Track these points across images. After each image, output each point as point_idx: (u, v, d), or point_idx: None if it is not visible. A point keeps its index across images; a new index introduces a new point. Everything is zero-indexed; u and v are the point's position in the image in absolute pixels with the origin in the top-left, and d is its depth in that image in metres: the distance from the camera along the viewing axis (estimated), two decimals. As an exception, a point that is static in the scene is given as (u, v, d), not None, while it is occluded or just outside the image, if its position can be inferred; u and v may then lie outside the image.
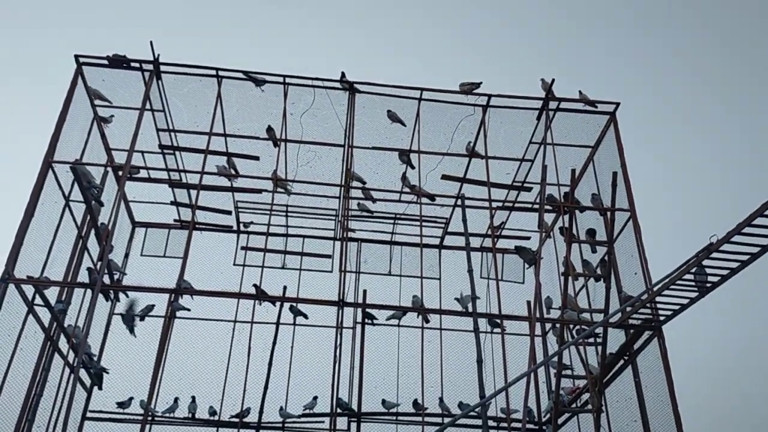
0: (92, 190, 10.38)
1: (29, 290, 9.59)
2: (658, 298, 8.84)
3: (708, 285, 8.19)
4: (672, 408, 8.65)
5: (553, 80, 11.14)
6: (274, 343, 12.52)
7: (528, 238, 13.89)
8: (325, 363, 11.61)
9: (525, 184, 12.79)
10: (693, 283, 8.28)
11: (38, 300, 9.74)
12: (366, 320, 12.56)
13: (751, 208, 6.97)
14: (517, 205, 13.22)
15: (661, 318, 9.12)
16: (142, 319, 11.97)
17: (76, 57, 10.45)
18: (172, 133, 11.80)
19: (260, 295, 9.99)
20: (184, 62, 10.73)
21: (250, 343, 11.17)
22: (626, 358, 9.86)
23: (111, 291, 12.19)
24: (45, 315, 10.19)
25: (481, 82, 11.14)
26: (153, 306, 11.82)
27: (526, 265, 13.95)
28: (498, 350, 11.89)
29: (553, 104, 11.43)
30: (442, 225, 14.09)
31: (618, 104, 11.38)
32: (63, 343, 10.81)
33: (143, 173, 12.13)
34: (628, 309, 8.99)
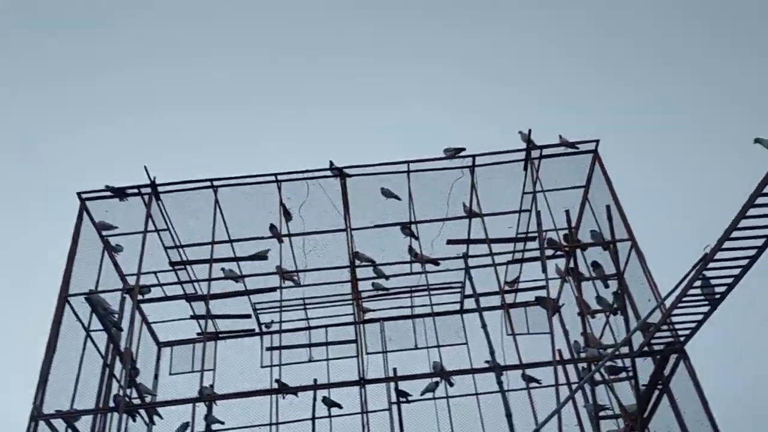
0: (110, 317, 10.73)
1: (61, 425, 9.80)
2: (675, 319, 8.79)
3: (717, 296, 8.16)
4: (710, 424, 8.43)
5: (530, 130, 11.52)
6: (313, 438, 12.46)
7: (545, 288, 13.88)
8: (370, 451, 11.50)
9: (528, 235, 12.93)
10: (702, 298, 8.26)
11: (72, 434, 9.92)
12: (400, 398, 12.51)
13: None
14: (526, 255, 13.31)
15: (681, 339, 9.02)
16: (179, 439, 12.06)
17: (79, 194, 11.09)
18: (182, 249, 12.26)
19: (281, 388, 10.07)
20: (180, 179, 11.31)
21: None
22: (660, 387, 9.67)
23: (145, 414, 12.37)
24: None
25: (464, 148, 11.54)
26: (188, 423, 11.92)
27: (550, 314, 13.92)
28: (537, 407, 11.77)
29: (536, 153, 11.74)
30: (459, 290, 14.18)
31: (597, 141, 11.67)
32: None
33: (159, 292, 12.53)
34: (644, 332, 8.92)
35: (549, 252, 11.80)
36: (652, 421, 9.97)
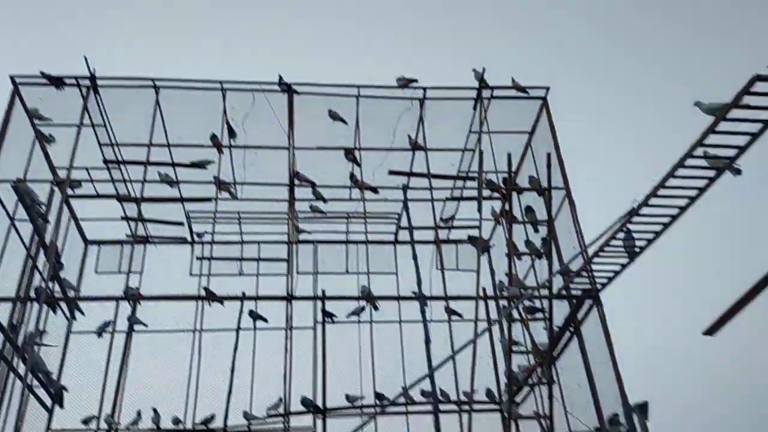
0: (36, 208, 10.42)
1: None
2: (594, 267, 9.21)
3: (636, 250, 8.57)
4: (614, 370, 8.99)
5: (484, 69, 11.53)
6: (236, 348, 12.63)
7: (478, 227, 14.24)
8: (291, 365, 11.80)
9: (469, 174, 13.12)
10: (623, 250, 8.66)
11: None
12: (326, 318, 12.79)
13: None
14: (464, 194, 13.54)
15: (599, 287, 9.49)
16: (99, 335, 12.07)
17: (12, 78, 10.53)
18: (117, 148, 11.91)
19: (208, 296, 10.12)
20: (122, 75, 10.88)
21: (199, 349, 11.27)
22: (572, 329, 10.20)
23: (67, 309, 12.26)
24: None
25: (416, 79, 11.47)
26: (109, 322, 11.89)
27: (479, 253, 14.34)
28: (456, 338, 12.27)
29: (487, 93, 11.80)
30: (395, 221, 14.36)
31: (548, 88, 11.81)
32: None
33: (90, 190, 12.21)
34: (563, 278, 9.34)
35: (486, 193, 12.05)
36: (561, 360, 10.56)
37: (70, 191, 11.15)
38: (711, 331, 6.66)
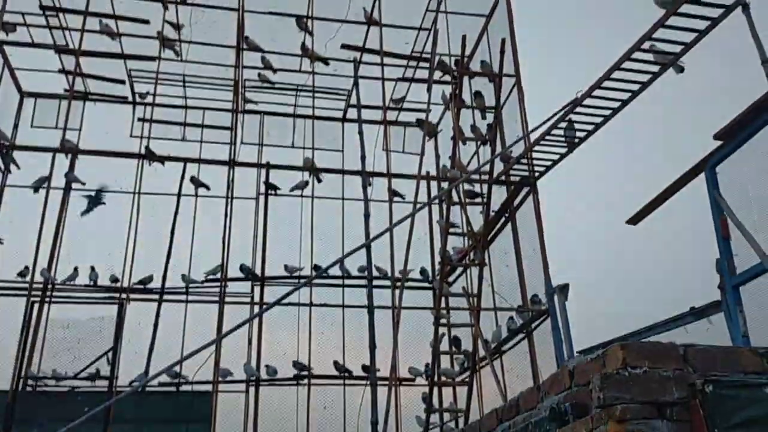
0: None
1: None
2: (535, 155, 9.42)
3: (576, 140, 8.77)
4: (542, 255, 9.43)
5: (447, -56, 11.10)
6: (176, 213, 12.59)
7: (426, 111, 14.23)
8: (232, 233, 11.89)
9: (423, 56, 12.93)
10: (563, 139, 8.85)
11: None
12: (269, 190, 12.84)
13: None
14: (416, 76, 13.41)
15: (536, 174, 9.75)
16: (36, 191, 11.86)
17: None
18: (54, -6, 11.19)
19: (149, 154, 9.97)
20: None
21: (137, 210, 11.24)
22: (507, 215, 10.55)
23: (3, 162, 11.92)
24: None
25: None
26: (46, 178, 11.65)
27: (427, 138, 14.41)
28: (397, 219, 12.51)
29: (448, -30, 11.44)
30: (344, 97, 14.19)
31: (510, -28, 11.50)
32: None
33: (26, 37, 11.55)
34: (504, 164, 9.54)
35: (438, 76, 11.94)
36: (494, 243, 10.99)
37: (3, 35, 10.51)
38: (633, 220, 7.01)
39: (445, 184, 12.39)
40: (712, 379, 3.01)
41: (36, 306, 10.81)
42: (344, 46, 12.37)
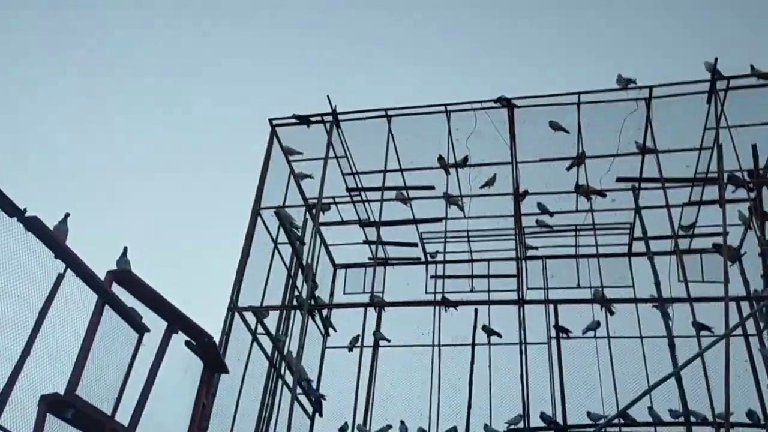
0: (294, 231, 11.94)
1: (252, 322, 11.22)
2: None
3: None
4: None
5: (716, 59, 10.83)
6: (472, 363, 12.99)
7: (723, 233, 13.13)
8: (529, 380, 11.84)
9: (708, 176, 12.24)
10: None
11: (260, 330, 11.34)
12: (560, 333, 12.66)
13: None
14: (704, 197, 12.65)
15: None
16: (350, 350, 13.28)
17: (270, 121, 12.32)
18: (357, 176, 13.19)
19: (444, 301, 10.69)
20: (358, 108, 12.14)
21: (439, 362, 11.79)
22: None
23: (324, 326, 13.68)
24: (268, 344, 11.79)
25: (635, 79, 11.16)
26: (358, 336, 13.04)
27: (729, 263, 13.15)
28: (707, 355, 11.33)
29: (722, 85, 11.04)
30: (627, 231, 13.83)
31: (796, 71, 10.71)
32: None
33: (336, 217, 13.65)
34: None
35: (731, 190, 11.14)
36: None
37: (321, 216, 12.56)
38: None
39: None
40: None
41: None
42: (620, 179, 12.31)
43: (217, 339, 10.49)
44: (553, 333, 12.62)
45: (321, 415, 13.19)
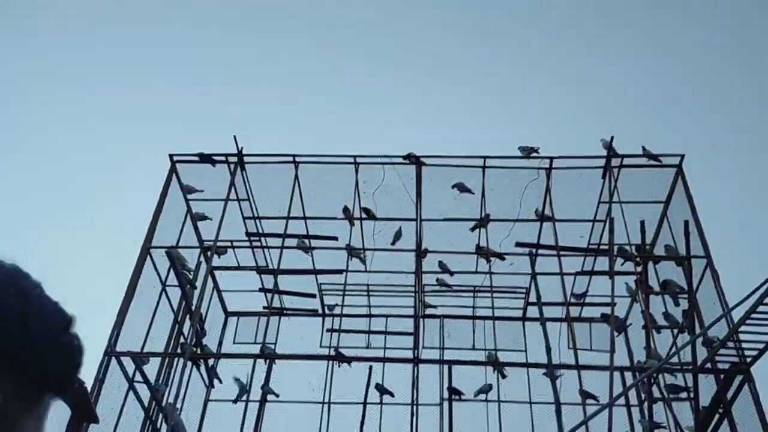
0: (185, 274, 11.31)
1: (130, 368, 10.41)
2: (742, 337, 8.51)
3: (791, 316, 7.87)
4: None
5: (612, 138, 11.40)
6: (362, 423, 12.64)
7: (611, 304, 13.63)
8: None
9: (600, 247, 12.73)
10: (775, 317, 7.98)
11: (138, 378, 10.53)
12: (452, 395, 12.56)
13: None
14: (596, 268, 13.11)
15: (748, 359, 8.70)
16: (235, 402, 12.60)
17: (170, 156, 11.79)
18: (258, 221, 12.79)
19: (338, 356, 10.36)
20: (264, 152, 11.85)
21: (327, 421, 11.38)
22: (721, 410, 9.33)
23: (208, 377, 12.92)
24: (146, 393, 10.96)
25: (538, 148, 11.56)
26: (246, 386, 12.43)
27: (615, 333, 13.61)
28: (592, 424, 11.54)
29: (616, 162, 11.61)
30: (522, 295, 14.09)
31: (683, 156, 11.43)
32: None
33: (233, 262, 13.11)
34: (707, 349, 8.65)
35: (620, 263, 11.60)
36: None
37: (216, 260, 12.01)
38: None
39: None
40: None
41: None
42: (518, 244, 12.57)
43: (89, 385, 9.71)
44: (446, 395, 12.52)
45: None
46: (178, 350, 11.82)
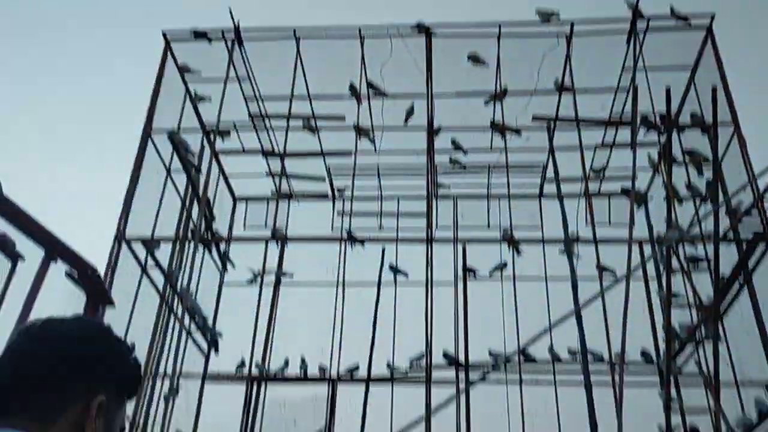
0: (190, 158, 10.94)
1: (141, 255, 10.30)
2: (769, 206, 8.11)
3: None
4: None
5: (638, -1, 10.51)
6: (377, 302, 12.66)
7: (635, 177, 13.18)
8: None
9: (622, 118, 12.11)
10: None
11: (150, 262, 10.43)
12: (467, 273, 12.50)
13: None
14: (617, 141, 12.56)
15: (775, 228, 8.35)
16: (251, 283, 12.70)
17: (164, 33, 11.08)
18: (260, 102, 12.22)
19: (351, 238, 10.19)
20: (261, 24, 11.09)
21: (342, 301, 11.41)
22: (741, 280, 9.10)
23: (221, 261, 12.89)
24: (159, 278, 10.92)
25: (557, 12, 10.71)
26: (259, 273, 12.44)
27: (636, 207, 13.26)
28: (609, 297, 11.45)
29: (642, 25, 10.77)
30: (539, 172, 13.67)
31: (713, 16, 10.55)
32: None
33: (237, 145, 12.69)
34: (730, 219, 8.29)
35: (642, 133, 11.04)
36: (729, 314, 9.49)
37: (220, 144, 11.60)
38: None
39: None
40: None
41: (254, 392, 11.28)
42: (535, 118, 11.98)
43: (102, 271, 9.63)
44: (460, 274, 12.45)
45: (217, 352, 12.59)
46: (189, 235, 11.70)
